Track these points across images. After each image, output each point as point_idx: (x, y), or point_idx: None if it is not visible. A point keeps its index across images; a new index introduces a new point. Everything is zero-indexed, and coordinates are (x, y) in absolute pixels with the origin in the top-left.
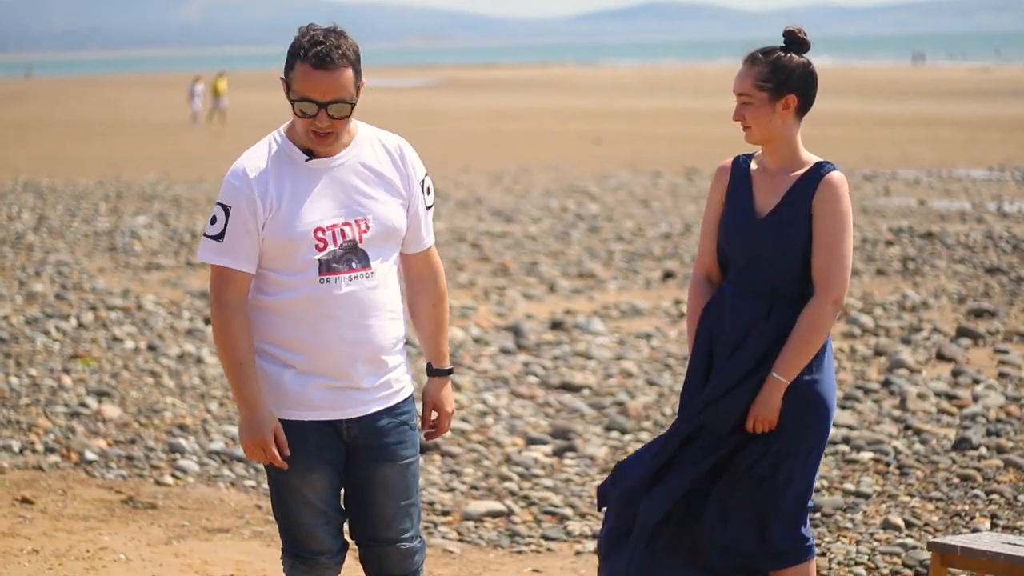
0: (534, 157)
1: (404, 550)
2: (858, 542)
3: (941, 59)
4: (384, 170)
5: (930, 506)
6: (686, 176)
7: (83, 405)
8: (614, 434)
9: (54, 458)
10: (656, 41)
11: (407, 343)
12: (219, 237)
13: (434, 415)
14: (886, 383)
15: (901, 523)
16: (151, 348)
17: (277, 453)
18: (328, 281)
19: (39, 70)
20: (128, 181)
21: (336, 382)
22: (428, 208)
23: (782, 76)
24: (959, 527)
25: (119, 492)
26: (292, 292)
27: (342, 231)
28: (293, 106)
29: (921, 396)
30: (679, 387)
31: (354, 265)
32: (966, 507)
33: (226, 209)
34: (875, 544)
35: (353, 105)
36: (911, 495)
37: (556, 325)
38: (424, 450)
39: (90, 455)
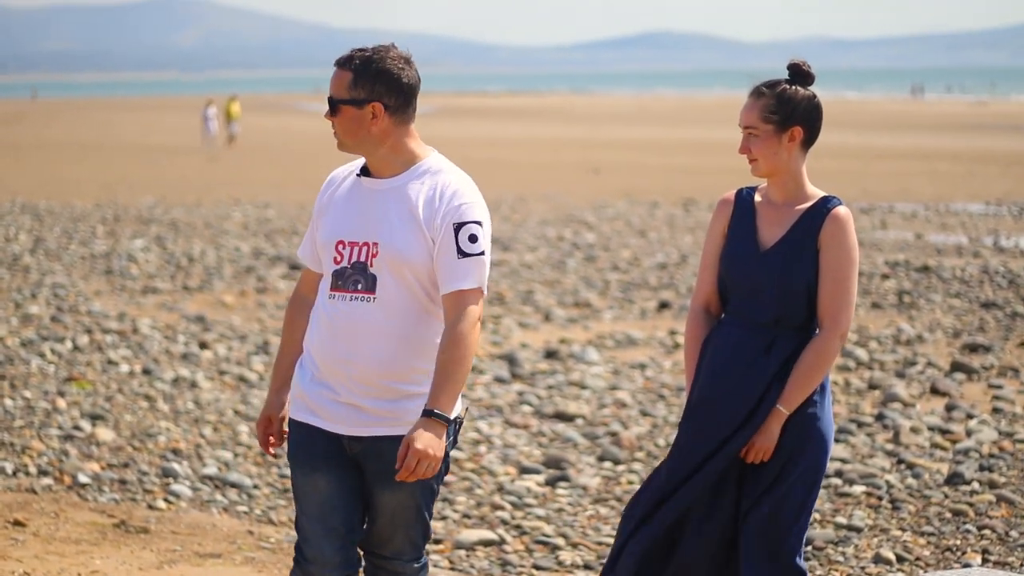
0: (531, 186)
1: (397, 570)
2: None
3: (939, 92)
4: (419, 203)
5: (922, 540)
6: (683, 207)
7: (77, 428)
8: (607, 464)
9: (47, 481)
10: (652, 71)
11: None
12: (304, 237)
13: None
14: (880, 416)
15: (892, 557)
16: (146, 372)
17: (263, 440)
18: (334, 297)
19: (39, 91)
20: (125, 204)
21: (338, 396)
22: (463, 254)
23: (788, 108)
24: (950, 562)
25: (111, 516)
26: (322, 295)
27: (360, 250)
28: None
29: (915, 430)
30: (673, 418)
31: (359, 287)
32: (958, 542)
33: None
34: None
35: (341, 107)
36: (903, 529)
37: (551, 354)
38: None
39: (83, 478)
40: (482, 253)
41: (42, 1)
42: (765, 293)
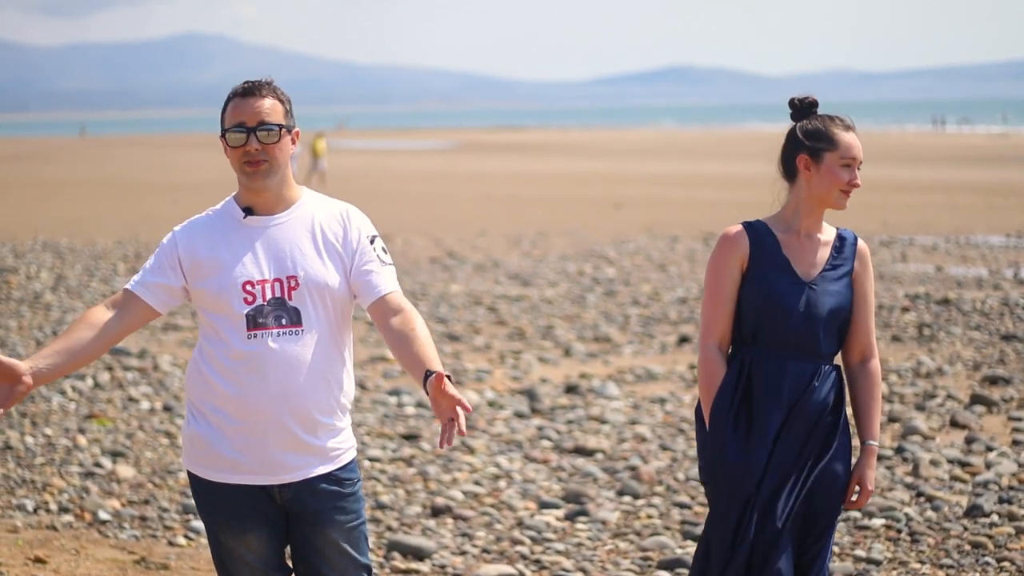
0: (552, 221)
1: None
2: None
3: (961, 125)
4: (326, 230)
5: (941, 573)
6: (703, 241)
7: (98, 465)
8: (627, 498)
9: (68, 518)
10: (676, 105)
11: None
12: (140, 271)
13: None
14: (899, 449)
15: None
16: (167, 409)
17: None
18: (256, 336)
19: (57, 130)
20: (147, 241)
21: (265, 444)
22: (385, 263)
23: None
24: None
25: (132, 552)
26: (224, 346)
27: (272, 287)
28: (226, 141)
29: (934, 463)
30: (692, 452)
31: (284, 322)
32: (977, 574)
33: (158, 248)
34: None
35: (281, 132)
36: (922, 562)
37: (571, 389)
38: (436, 513)
39: (104, 515)
40: (392, 264)
41: (64, 39)
42: (814, 322)
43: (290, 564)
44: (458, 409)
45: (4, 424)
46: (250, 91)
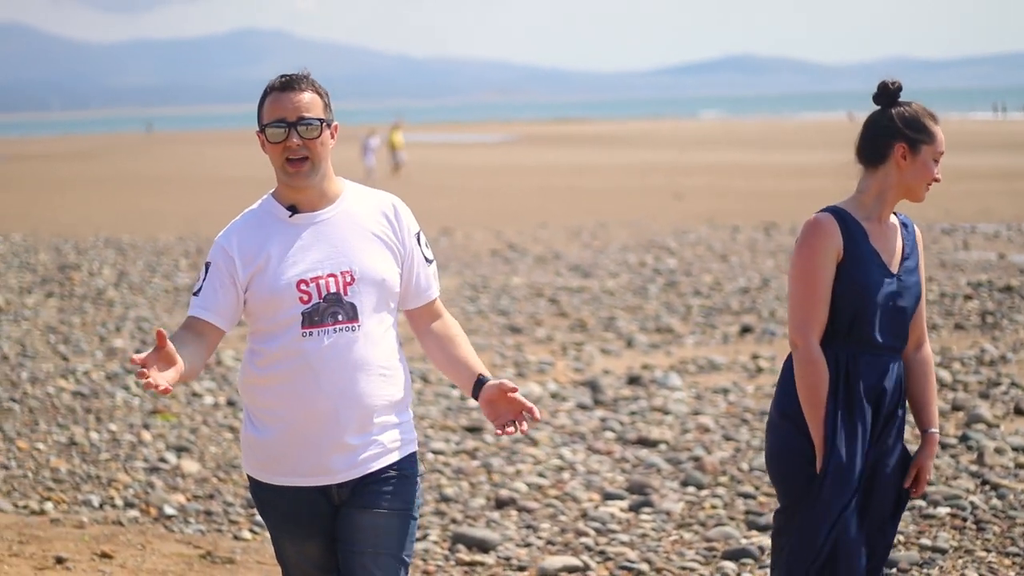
0: (612, 212)
1: None
2: None
3: (1022, 111)
4: (373, 224)
5: (1007, 561)
6: (764, 231)
7: (162, 460)
8: (691, 489)
9: (133, 513)
10: (736, 95)
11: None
12: (198, 292)
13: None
14: (964, 438)
15: None
16: (230, 403)
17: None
18: (311, 335)
19: (118, 126)
20: (208, 236)
21: (322, 444)
22: (429, 261)
23: None
24: None
25: (197, 547)
26: (279, 347)
27: (326, 283)
28: (266, 137)
29: (999, 451)
30: (756, 442)
31: (340, 318)
32: None
33: (207, 266)
34: None
35: (323, 127)
36: (988, 550)
37: (633, 380)
38: (500, 505)
39: (169, 510)
40: (434, 260)
41: (121, 36)
42: (902, 312)
43: None
44: (525, 414)
45: (69, 420)
46: (289, 85)
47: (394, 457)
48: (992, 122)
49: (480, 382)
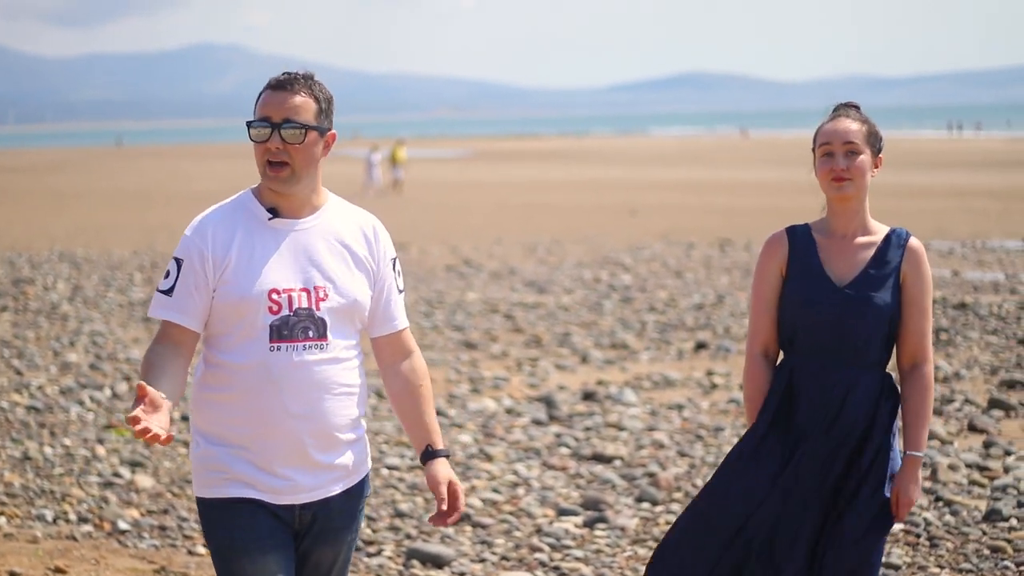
0: (568, 228)
1: None
2: None
3: (976, 130)
4: (352, 242)
5: None
6: (719, 247)
7: (116, 475)
8: (645, 505)
9: (87, 528)
10: (690, 112)
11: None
12: (169, 292)
13: (443, 495)
14: None
15: None
16: (184, 419)
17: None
18: (279, 349)
19: (82, 140)
20: (163, 251)
21: (288, 463)
22: (400, 291)
23: (879, 138)
24: None
25: (152, 562)
26: (243, 358)
27: (299, 297)
28: (250, 134)
29: (952, 467)
30: (711, 458)
31: (310, 334)
32: None
33: (178, 263)
34: None
35: (308, 133)
36: (941, 567)
37: (588, 396)
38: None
39: (123, 525)
40: (404, 291)
41: (79, 50)
42: (847, 328)
43: None
44: (455, 515)
45: (23, 435)
46: (283, 84)
47: (355, 479)
48: (947, 140)
49: (429, 453)
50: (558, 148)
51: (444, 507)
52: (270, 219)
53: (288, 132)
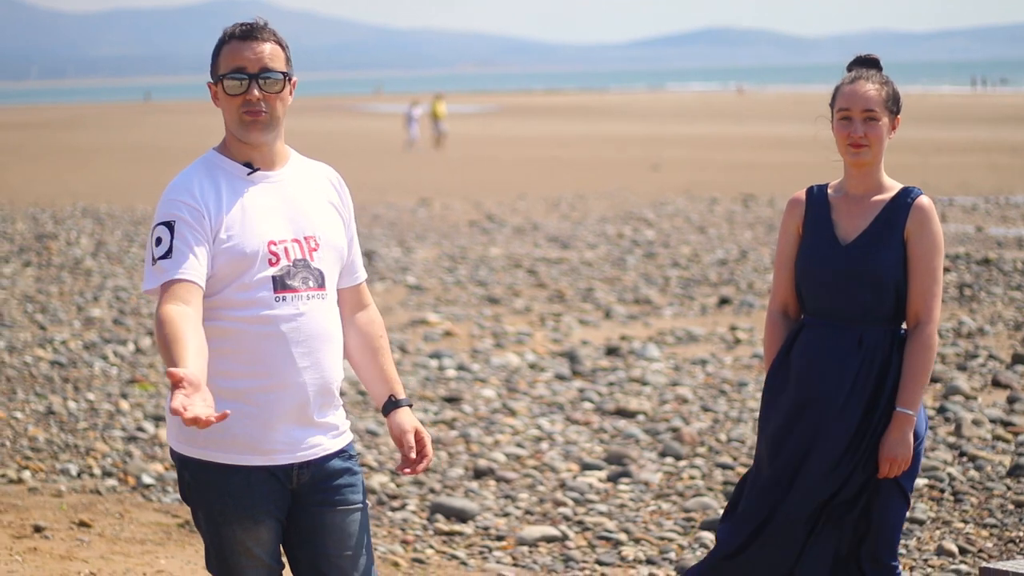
0: (591, 184)
1: None
2: (912, 568)
3: (999, 84)
4: (327, 191)
5: (984, 532)
6: (742, 202)
7: (140, 429)
8: (668, 460)
9: (111, 482)
10: (714, 67)
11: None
12: (167, 255)
13: (411, 444)
14: (941, 410)
15: (955, 549)
16: None
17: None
18: (284, 300)
19: (94, 96)
20: None
21: (289, 419)
22: (357, 243)
23: (898, 100)
24: (1013, 553)
25: (176, 516)
26: (246, 311)
27: (293, 248)
28: (222, 87)
29: (976, 423)
30: (734, 413)
31: (310, 284)
32: (1021, 533)
33: (169, 225)
34: (929, 570)
35: (285, 82)
36: (965, 521)
37: (612, 351)
38: (479, 475)
39: (147, 479)
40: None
41: (97, 5)
42: (851, 286)
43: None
44: (425, 461)
45: (47, 389)
46: (249, 33)
47: (347, 438)
48: (971, 95)
49: (392, 403)
50: (581, 104)
51: (412, 455)
52: (249, 173)
53: (265, 81)
